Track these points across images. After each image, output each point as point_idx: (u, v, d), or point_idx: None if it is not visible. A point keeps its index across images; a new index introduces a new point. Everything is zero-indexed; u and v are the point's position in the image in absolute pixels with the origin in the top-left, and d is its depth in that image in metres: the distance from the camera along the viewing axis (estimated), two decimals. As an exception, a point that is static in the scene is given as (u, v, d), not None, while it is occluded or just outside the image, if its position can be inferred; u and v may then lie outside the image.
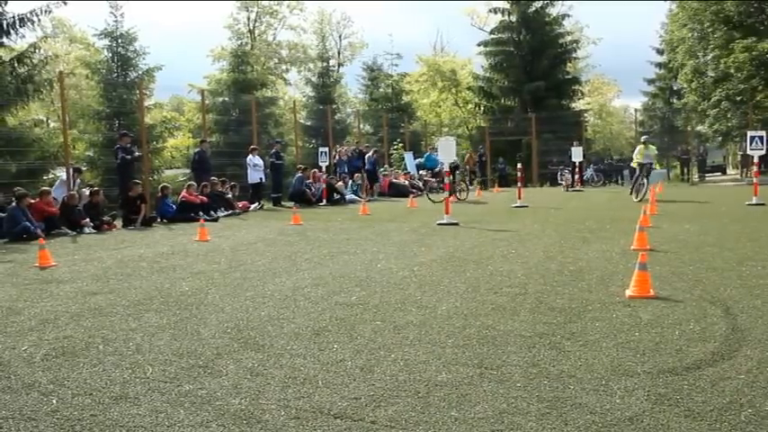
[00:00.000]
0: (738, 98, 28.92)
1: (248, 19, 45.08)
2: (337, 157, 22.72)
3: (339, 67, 47.38)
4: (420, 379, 3.76)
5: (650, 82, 45.46)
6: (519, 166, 20.26)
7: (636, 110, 46.18)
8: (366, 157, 22.92)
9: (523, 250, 8.64)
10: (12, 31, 18.37)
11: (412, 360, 4.13)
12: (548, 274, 6.91)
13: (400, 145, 29.28)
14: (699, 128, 33.80)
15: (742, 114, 29.21)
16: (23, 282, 7.45)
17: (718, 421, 3.11)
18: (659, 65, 44.03)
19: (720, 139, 32.69)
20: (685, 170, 33.29)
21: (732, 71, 28.07)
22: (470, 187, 22.06)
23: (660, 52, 43.20)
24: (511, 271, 7.11)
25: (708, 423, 3.10)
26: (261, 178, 19.35)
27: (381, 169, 24.37)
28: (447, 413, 3.30)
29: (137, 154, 16.44)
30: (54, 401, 3.58)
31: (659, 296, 5.64)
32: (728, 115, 29.96)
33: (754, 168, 16.63)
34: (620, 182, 31.67)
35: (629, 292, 5.73)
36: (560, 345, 4.36)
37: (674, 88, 42.46)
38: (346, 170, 22.29)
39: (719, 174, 36.93)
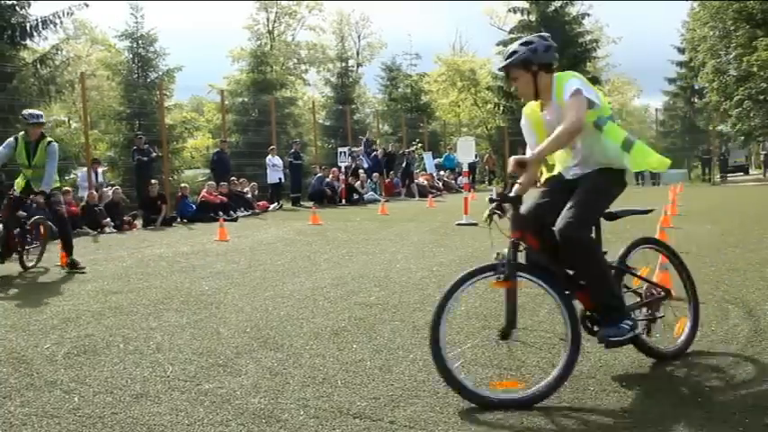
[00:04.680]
0: (761, 97, 28.52)
1: (267, 20, 45.13)
2: (357, 153, 22.68)
3: (358, 67, 47.30)
4: (439, 379, 3.74)
5: (671, 81, 44.91)
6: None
7: (657, 109, 45.79)
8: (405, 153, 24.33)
9: (543, 251, 8.58)
10: (35, 34, 18.64)
11: (431, 360, 4.11)
12: (567, 274, 6.85)
13: (419, 145, 29.24)
14: (721, 127, 33.39)
15: (765, 114, 28.81)
16: (46, 280, 7.54)
17: (740, 424, 3.07)
18: (680, 64, 43.46)
19: (743, 138, 32.30)
20: (707, 170, 32.91)
21: (755, 70, 27.67)
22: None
23: (681, 51, 42.65)
24: (530, 271, 7.06)
25: (730, 426, 3.06)
26: (280, 178, 19.46)
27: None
28: (466, 413, 3.29)
29: (154, 155, 16.59)
30: (76, 399, 3.62)
31: (680, 297, 5.56)
32: (751, 114, 29.54)
33: (778, 168, 16.42)
34: (639, 182, 31.35)
35: (649, 293, 5.65)
36: (580, 345, 4.32)
37: (696, 87, 41.93)
38: (366, 165, 22.24)
39: (742, 174, 36.46)
